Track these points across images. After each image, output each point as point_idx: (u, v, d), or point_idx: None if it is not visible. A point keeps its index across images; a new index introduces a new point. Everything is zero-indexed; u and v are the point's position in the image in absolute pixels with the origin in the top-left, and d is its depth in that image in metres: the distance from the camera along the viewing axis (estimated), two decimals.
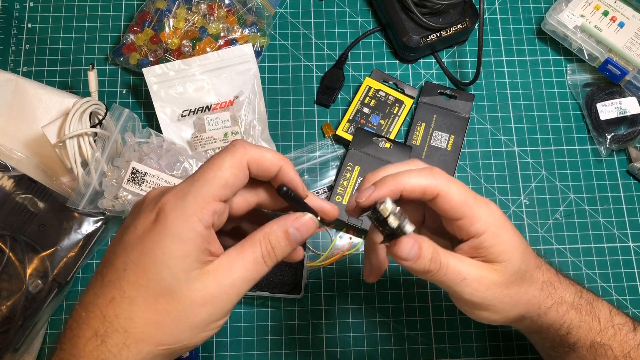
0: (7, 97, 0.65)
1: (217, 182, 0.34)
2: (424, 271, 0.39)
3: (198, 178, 0.34)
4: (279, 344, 0.62)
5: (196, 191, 0.33)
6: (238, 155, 0.35)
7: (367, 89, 0.69)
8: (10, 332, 0.56)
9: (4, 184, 0.61)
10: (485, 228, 0.39)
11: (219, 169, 0.34)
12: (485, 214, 0.40)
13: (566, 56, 0.74)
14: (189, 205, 0.33)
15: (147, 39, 0.68)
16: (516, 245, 0.41)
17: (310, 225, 0.37)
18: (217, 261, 0.34)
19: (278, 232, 0.36)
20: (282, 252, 0.36)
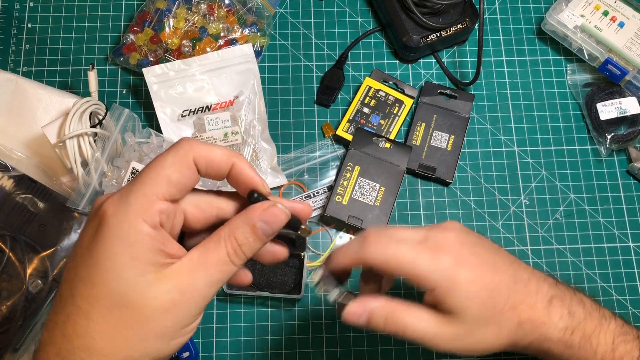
0: (7, 97, 0.65)
1: (160, 180, 0.31)
2: (383, 332, 0.39)
3: (140, 178, 0.31)
4: (279, 344, 0.62)
5: (138, 190, 0.31)
6: (182, 151, 0.32)
7: (367, 89, 0.69)
8: (10, 332, 0.56)
9: (4, 184, 0.61)
10: (434, 285, 0.38)
11: (161, 166, 0.31)
12: (433, 268, 0.38)
13: (566, 56, 0.74)
14: (131, 206, 0.30)
15: (147, 39, 0.68)
16: (474, 296, 0.39)
17: (280, 216, 0.33)
18: (177, 263, 0.31)
19: (244, 227, 0.32)
20: (251, 248, 0.33)
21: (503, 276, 0.40)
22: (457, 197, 0.68)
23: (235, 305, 0.63)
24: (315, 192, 0.66)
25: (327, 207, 0.63)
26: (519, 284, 0.40)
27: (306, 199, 0.66)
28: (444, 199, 0.67)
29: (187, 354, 0.59)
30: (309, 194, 0.66)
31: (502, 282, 0.40)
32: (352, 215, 0.63)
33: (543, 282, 0.42)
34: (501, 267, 0.41)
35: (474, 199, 0.68)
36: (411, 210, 0.67)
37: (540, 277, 0.42)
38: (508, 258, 0.42)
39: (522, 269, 0.42)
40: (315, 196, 0.66)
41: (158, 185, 0.31)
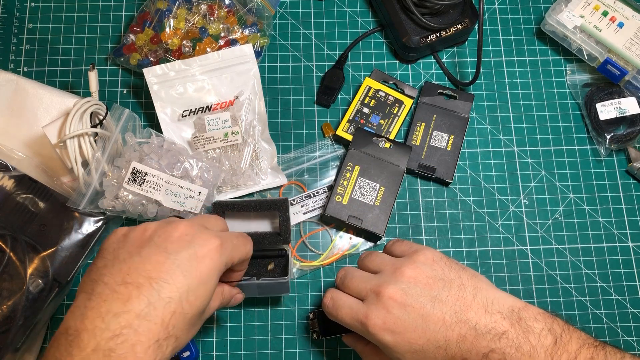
0: (8, 98, 0.65)
1: (234, 258, 0.48)
2: None
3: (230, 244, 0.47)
4: (279, 344, 0.62)
5: (230, 253, 0.47)
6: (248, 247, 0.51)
7: (367, 89, 0.69)
8: (11, 331, 0.56)
9: (5, 184, 0.61)
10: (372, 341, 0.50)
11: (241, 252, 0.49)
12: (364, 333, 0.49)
13: (566, 56, 0.74)
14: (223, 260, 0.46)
15: (147, 39, 0.68)
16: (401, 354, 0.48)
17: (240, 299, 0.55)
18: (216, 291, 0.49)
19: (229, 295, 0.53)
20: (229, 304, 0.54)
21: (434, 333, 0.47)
22: (457, 197, 0.68)
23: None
24: (315, 192, 0.67)
25: (327, 207, 0.63)
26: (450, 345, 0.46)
27: (306, 198, 0.66)
28: (443, 199, 0.68)
29: (187, 354, 0.59)
30: (309, 193, 0.67)
31: (428, 344, 0.47)
32: (352, 215, 0.63)
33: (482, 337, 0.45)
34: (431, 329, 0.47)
35: (474, 199, 0.68)
36: (411, 210, 0.67)
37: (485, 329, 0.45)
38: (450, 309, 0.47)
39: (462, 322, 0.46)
40: (315, 196, 0.66)
41: (232, 259, 0.47)
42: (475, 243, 0.66)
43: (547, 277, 0.65)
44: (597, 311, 0.64)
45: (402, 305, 0.48)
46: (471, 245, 0.66)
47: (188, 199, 0.60)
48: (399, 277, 0.49)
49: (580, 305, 0.64)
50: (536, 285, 0.65)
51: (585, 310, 0.64)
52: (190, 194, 0.60)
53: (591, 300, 0.64)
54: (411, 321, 0.47)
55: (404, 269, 0.50)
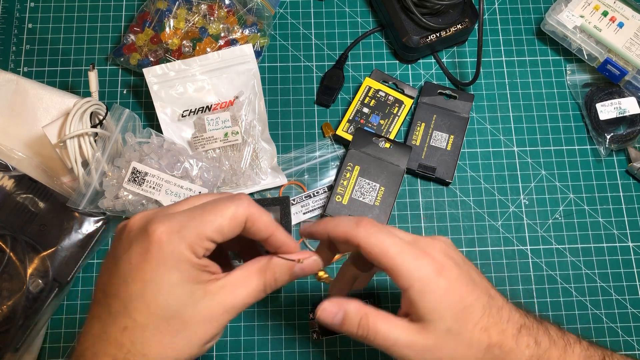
0: (8, 98, 0.65)
1: (215, 227, 0.37)
2: (354, 335, 0.41)
3: (197, 215, 0.37)
4: (279, 344, 0.62)
5: (192, 227, 0.36)
6: (241, 209, 0.38)
7: (367, 89, 0.69)
8: (11, 331, 0.56)
9: (5, 184, 0.61)
10: (410, 284, 0.39)
11: (220, 215, 0.37)
12: (413, 267, 0.39)
13: (566, 56, 0.74)
14: (184, 239, 0.36)
15: (147, 39, 0.68)
16: (447, 306, 0.39)
17: (314, 267, 0.42)
18: (220, 281, 0.38)
19: (282, 267, 0.40)
20: (282, 283, 0.40)
21: (480, 296, 0.40)
22: (457, 197, 0.68)
23: None
24: (315, 192, 0.67)
25: (327, 207, 0.63)
26: (493, 308, 0.41)
27: (306, 198, 0.66)
28: (443, 199, 0.68)
29: None
30: (309, 193, 0.67)
31: (478, 301, 0.40)
32: (352, 215, 0.63)
33: (515, 311, 0.42)
34: (479, 288, 0.41)
35: (474, 199, 0.68)
36: (411, 210, 0.67)
37: (512, 307, 0.42)
38: (486, 283, 0.43)
39: (498, 296, 0.42)
40: (315, 196, 0.66)
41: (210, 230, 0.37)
42: (475, 243, 0.66)
43: (547, 277, 0.65)
44: (597, 311, 0.64)
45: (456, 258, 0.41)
46: (471, 245, 0.66)
47: None
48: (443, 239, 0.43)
49: (580, 305, 0.64)
50: (536, 285, 0.65)
51: (585, 310, 0.64)
52: (190, 194, 0.60)
53: (591, 300, 0.64)
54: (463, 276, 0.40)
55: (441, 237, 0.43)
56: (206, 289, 0.37)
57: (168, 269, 0.36)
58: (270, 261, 0.40)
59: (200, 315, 0.37)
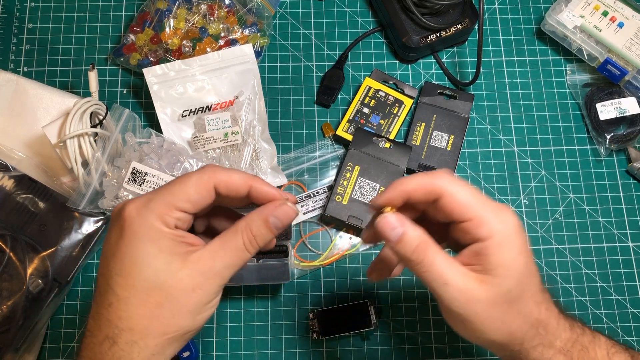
0: (8, 98, 0.65)
1: (181, 195, 0.37)
2: (405, 259, 0.38)
3: (163, 189, 0.38)
4: (279, 344, 0.62)
5: (159, 199, 0.37)
6: (205, 176, 0.38)
7: (367, 89, 0.69)
8: (11, 331, 0.56)
9: (5, 184, 0.61)
10: (491, 234, 0.37)
11: (185, 184, 0.37)
12: (495, 220, 0.38)
13: (566, 56, 0.74)
14: (152, 211, 0.37)
15: (147, 39, 0.68)
16: (518, 265, 0.38)
17: (290, 213, 0.39)
18: (200, 251, 0.37)
19: (258, 221, 0.38)
20: (264, 239, 0.38)
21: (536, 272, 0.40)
22: None
23: (235, 304, 0.63)
24: (315, 192, 0.67)
25: (327, 207, 0.63)
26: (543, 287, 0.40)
27: (306, 198, 0.66)
28: None
29: (187, 354, 0.59)
30: (309, 193, 0.67)
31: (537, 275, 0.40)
32: (352, 215, 0.63)
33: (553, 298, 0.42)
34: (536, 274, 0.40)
35: None
36: None
37: None
38: None
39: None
40: (315, 196, 0.66)
41: (178, 199, 0.37)
42: None
43: (547, 277, 0.65)
44: (597, 311, 0.64)
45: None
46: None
47: None
48: None
49: (581, 305, 0.64)
50: None
51: (585, 310, 0.64)
52: None
53: (591, 300, 0.64)
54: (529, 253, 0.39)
55: None
56: (185, 259, 0.37)
57: (141, 241, 0.36)
58: (245, 219, 0.38)
59: (181, 284, 0.36)
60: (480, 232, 0.38)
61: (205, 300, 0.37)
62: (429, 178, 0.39)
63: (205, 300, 0.37)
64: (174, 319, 0.36)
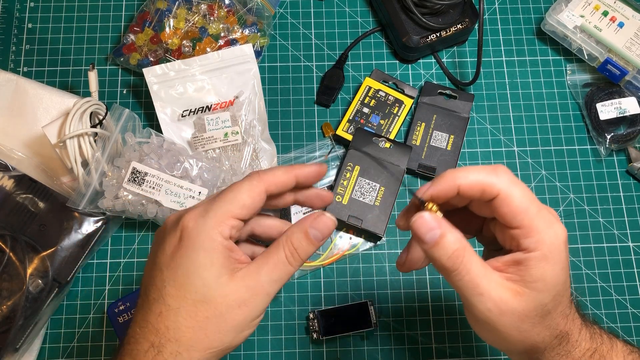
0: (8, 97, 0.65)
1: (236, 203, 0.37)
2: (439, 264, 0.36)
3: (218, 199, 0.38)
4: (279, 344, 0.62)
5: (216, 208, 0.37)
6: (255, 182, 0.38)
7: (367, 89, 0.69)
8: (11, 331, 0.56)
9: (5, 184, 0.61)
10: (539, 247, 0.36)
11: (238, 191, 0.38)
12: (546, 232, 0.36)
13: (566, 56, 0.74)
14: (209, 221, 0.37)
15: (147, 39, 0.68)
16: (558, 282, 0.37)
17: (328, 223, 0.39)
18: (246, 267, 0.37)
19: (299, 234, 0.38)
20: (306, 251, 0.39)
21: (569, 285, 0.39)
22: None
23: None
24: None
25: (327, 207, 0.63)
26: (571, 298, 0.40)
27: None
28: None
29: None
30: None
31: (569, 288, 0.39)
32: (352, 215, 0.63)
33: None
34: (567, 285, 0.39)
35: None
36: None
37: None
38: None
39: None
40: None
41: (233, 206, 0.37)
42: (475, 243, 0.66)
43: None
44: (598, 311, 0.64)
45: None
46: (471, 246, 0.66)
47: (188, 199, 0.60)
48: None
49: (581, 305, 0.64)
50: None
51: (585, 310, 0.64)
52: (190, 194, 0.60)
53: (591, 300, 0.64)
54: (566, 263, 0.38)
55: None
56: (233, 274, 0.37)
57: (196, 251, 0.36)
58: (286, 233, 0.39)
59: (228, 300, 0.36)
60: (528, 242, 0.36)
61: (250, 317, 0.37)
62: (488, 175, 0.37)
63: (250, 317, 0.37)
64: (219, 334, 0.37)
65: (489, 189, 0.36)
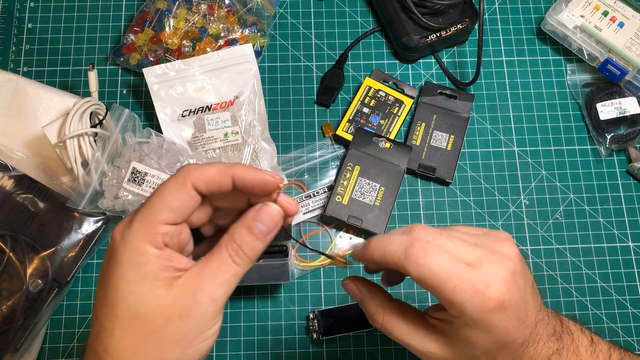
0: (8, 97, 0.65)
1: (161, 207, 0.33)
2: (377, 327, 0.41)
3: (143, 205, 0.34)
4: (279, 344, 0.62)
5: (140, 218, 0.34)
6: (180, 179, 0.34)
7: (367, 89, 0.69)
8: (11, 331, 0.56)
9: (5, 184, 0.61)
10: (461, 316, 0.36)
11: (162, 194, 0.34)
12: (469, 304, 0.35)
13: (566, 56, 0.74)
14: (135, 232, 0.33)
15: (147, 39, 0.68)
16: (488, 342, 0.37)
17: (273, 214, 0.35)
18: (186, 274, 0.34)
19: (241, 229, 0.35)
20: (252, 247, 0.35)
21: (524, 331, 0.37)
22: (457, 197, 0.68)
23: (235, 304, 0.63)
24: (315, 192, 0.67)
25: (327, 207, 0.63)
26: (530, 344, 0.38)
27: (306, 198, 0.66)
28: (443, 199, 0.68)
29: None
30: (309, 193, 0.67)
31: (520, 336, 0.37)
32: (352, 215, 0.63)
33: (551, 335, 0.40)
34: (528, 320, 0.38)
35: (474, 199, 0.68)
36: (411, 210, 0.67)
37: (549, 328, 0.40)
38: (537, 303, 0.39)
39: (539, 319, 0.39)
40: (315, 196, 0.66)
41: (159, 212, 0.33)
42: None
43: (547, 277, 0.65)
44: (598, 311, 0.64)
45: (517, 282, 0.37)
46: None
47: None
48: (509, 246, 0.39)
49: (581, 306, 0.64)
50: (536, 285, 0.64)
51: (585, 310, 0.64)
52: None
53: (591, 300, 0.64)
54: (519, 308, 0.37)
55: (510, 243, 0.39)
56: (170, 284, 0.33)
57: (124, 266, 0.33)
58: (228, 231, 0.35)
59: (167, 311, 0.32)
60: (451, 312, 0.36)
61: (196, 328, 0.33)
62: (398, 257, 0.37)
63: (196, 327, 0.33)
64: (161, 351, 0.33)
65: (402, 271, 0.37)
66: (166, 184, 0.34)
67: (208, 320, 0.33)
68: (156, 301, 0.33)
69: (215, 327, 0.34)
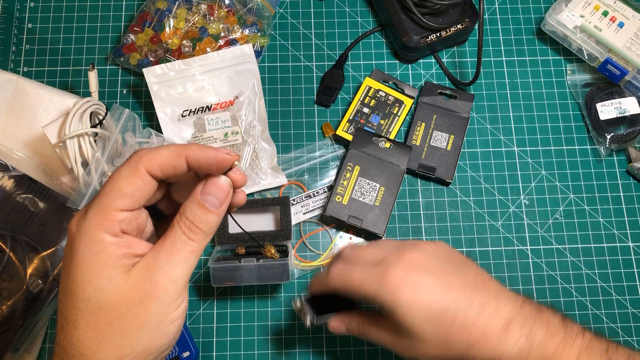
0: (8, 97, 0.65)
1: (114, 194, 0.33)
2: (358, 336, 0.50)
3: (98, 194, 0.34)
4: (279, 344, 0.62)
5: (95, 206, 0.33)
6: (132, 164, 0.34)
7: (367, 89, 0.69)
8: (11, 331, 0.56)
9: (5, 184, 0.61)
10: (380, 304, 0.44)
11: (115, 180, 0.34)
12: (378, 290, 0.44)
13: (566, 56, 0.74)
14: (90, 221, 0.33)
15: (147, 39, 0.68)
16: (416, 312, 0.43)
17: (220, 184, 0.35)
18: (143, 258, 0.33)
19: (191, 205, 0.34)
20: (205, 221, 0.34)
21: (454, 298, 0.43)
22: (457, 197, 0.68)
23: (235, 304, 0.63)
24: (315, 192, 0.67)
25: (327, 207, 0.63)
26: (473, 307, 0.42)
27: (306, 198, 0.66)
28: (443, 199, 0.68)
29: (187, 354, 0.59)
30: (309, 193, 0.67)
31: (452, 303, 0.43)
32: (352, 215, 0.63)
33: (504, 305, 0.43)
34: (455, 290, 0.43)
35: (474, 199, 0.68)
36: (411, 210, 0.67)
37: (504, 300, 0.43)
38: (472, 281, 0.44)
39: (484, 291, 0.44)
40: (315, 196, 0.66)
41: (113, 199, 0.33)
42: (475, 243, 0.66)
43: (547, 277, 0.65)
44: (598, 311, 0.64)
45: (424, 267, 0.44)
46: (471, 246, 0.66)
47: None
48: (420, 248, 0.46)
49: (581, 306, 0.64)
50: (536, 285, 0.65)
51: (585, 310, 0.64)
52: None
53: (591, 300, 0.64)
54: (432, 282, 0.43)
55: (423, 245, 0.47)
56: (128, 270, 0.33)
57: (81, 257, 0.32)
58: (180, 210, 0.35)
59: (128, 297, 0.32)
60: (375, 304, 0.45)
61: (159, 311, 0.33)
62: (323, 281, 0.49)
63: (159, 310, 0.33)
64: (126, 338, 0.32)
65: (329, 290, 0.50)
66: (119, 170, 0.34)
67: (171, 302, 0.33)
68: (115, 289, 0.32)
69: (180, 308, 0.34)
